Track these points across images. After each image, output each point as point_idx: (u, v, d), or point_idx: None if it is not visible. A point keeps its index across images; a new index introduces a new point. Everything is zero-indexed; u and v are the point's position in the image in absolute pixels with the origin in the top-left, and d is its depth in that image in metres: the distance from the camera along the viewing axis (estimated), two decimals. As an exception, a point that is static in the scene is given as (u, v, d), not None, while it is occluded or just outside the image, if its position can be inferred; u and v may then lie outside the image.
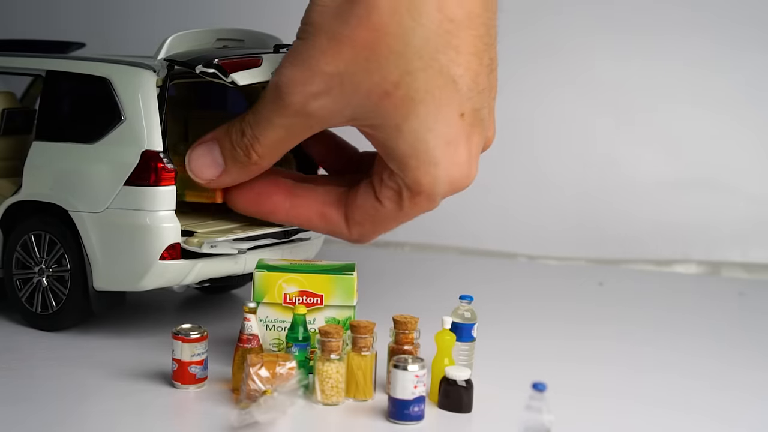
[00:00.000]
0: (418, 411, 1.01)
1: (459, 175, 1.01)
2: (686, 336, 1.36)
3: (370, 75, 0.95)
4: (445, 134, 0.97)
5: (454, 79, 0.95)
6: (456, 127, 0.98)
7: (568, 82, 1.87)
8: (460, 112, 0.97)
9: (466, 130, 0.98)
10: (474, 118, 0.99)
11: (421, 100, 0.95)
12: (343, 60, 0.95)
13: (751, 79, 1.81)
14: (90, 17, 2.06)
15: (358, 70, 0.95)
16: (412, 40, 0.93)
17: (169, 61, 1.18)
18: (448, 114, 0.97)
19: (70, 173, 1.20)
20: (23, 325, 1.27)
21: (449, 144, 0.98)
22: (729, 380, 1.19)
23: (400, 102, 0.95)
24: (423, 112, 0.96)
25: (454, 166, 0.99)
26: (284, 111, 0.99)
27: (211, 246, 1.18)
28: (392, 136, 0.98)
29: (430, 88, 0.95)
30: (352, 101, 0.97)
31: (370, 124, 0.98)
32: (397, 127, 0.97)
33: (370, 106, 0.97)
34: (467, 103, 0.97)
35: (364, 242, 1.09)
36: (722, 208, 1.81)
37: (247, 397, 0.99)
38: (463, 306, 1.15)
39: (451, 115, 0.97)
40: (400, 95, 0.95)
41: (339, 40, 0.95)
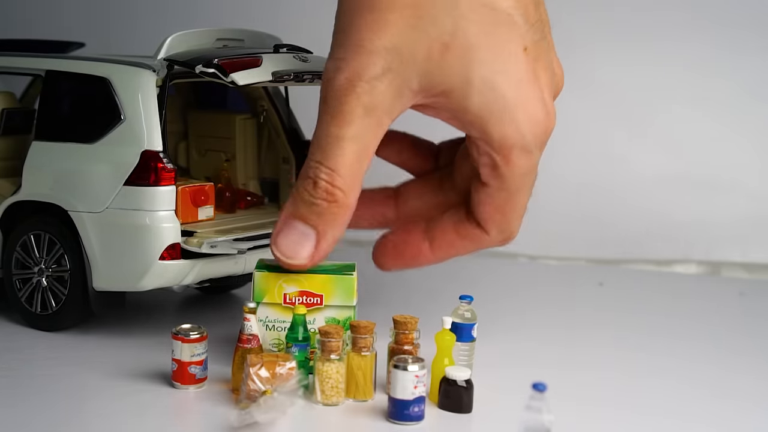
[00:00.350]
0: (418, 411, 1.01)
1: (540, 114, 0.96)
2: (686, 336, 1.36)
3: (424, 33, 0.90)
4: (515, 72, 0.93)
5: (508, 12, 0.91)
6: (523, 64, 0.93)
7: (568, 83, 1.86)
8: (523, 46, 0.93)
9: (531, 65, 0.94)
10: (537, 51, 0.94)
11: (481, 43, 0.91)
12: (394, 28, 0.90)
13: (750, 80, 1.81)
14: (90, 17, 2.05)
15: (412, 32, 0.90)
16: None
17: (169, 60, 1.18)
18: (512, 50, 0.92)
19: (69, 173, 1.20)
20: (23, 325, 1.27)
21: (521, 81, 0.93)
22: (729, 381, 1.19)
23: (462, 51, 0.91)
24: (486, 55, 0.91)
25: (531, 105, 0.94)
26: (351, 114, 0.92)
27: (211, 246, 1.18)
28: (463, 93, 0.92)
29: (486, 29, 0.91)
30: (416, 69, 0.91)
31: (439, 90, 0.93)
32: (467, 81, 0.92)
33: (433, 67, 0.91)
34: (528, 35, 0.93)
35: (512, 237, 1.04)
36: (722, 208, 1.81)
37: (247, 397, 0.99)
38: (463, 306, 1.15)
39: (516, 51, 0.92)
40: (459, 44, 0.90)
41: (383, 9, 0.90)
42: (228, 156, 1.40)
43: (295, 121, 1.40)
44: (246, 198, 1.38)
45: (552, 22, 1.05)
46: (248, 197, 1.38)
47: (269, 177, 1.42)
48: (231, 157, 1.39)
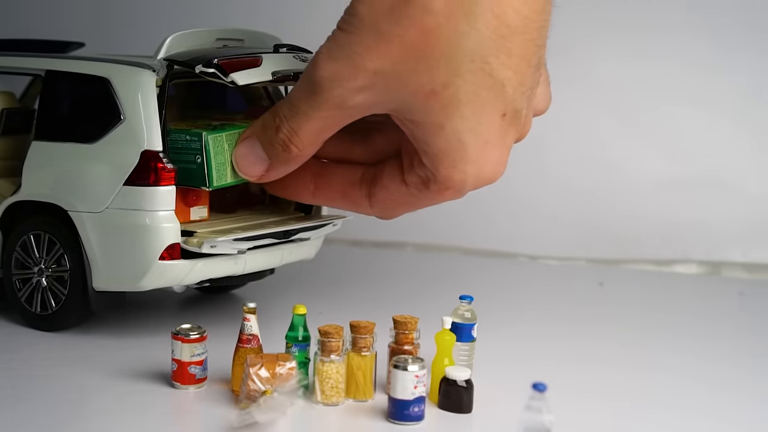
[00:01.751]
0: (418, 411, 1.01)
1: (490, 171, 1.01)
2: (686, 337, 1.36)
3: (418, 75, 0.94)
4: (485, 134, 0.97)
5: (502, 82, 0.95)
6: (496, 127, 0.97)
7: (569, 83, 1.86)
8: (503, 113, 0.97)
9: (504, 129, 0.98)
10: (514, 118, 0.98)
11: (468, 101, 0.95)
12: (390, 59, 0.94)
13: (750, 80, 1.81)
14: (90, 17, 2.05)
15: (406, 69, 0.94)
16: (465, 44, 0.92)
17: (169, 60, 1.18)
18: (491, 115, 0.97)
19: (69, 173, 1.20)
20: (23, 325, 1.26)
21: (487, 143, 0.98)
22: (729, 381, 1.19)
23: (447, 101, 0.95)
24: (468, 112, 0.96)
25: (487, 164, 1.00)
26: (324, 105, 0.98)
27: (210, 246, 1.18)
28: (433, 132, 0.97)
29: (477, 90, 0.95)
30: (396, 97, 0.96)
31: (411, 119, 0.98)
32: (440, 125, 0.96)
33: (415, 103, 0.96)
34: (510, 104, 0.97)
35: (386, 219, 1.09)
36: (722, 208, 1.81)
37: (247, 398, 0.99)
38: (463, 306, 1.15)
39: (494, 116, 0.97)
40: (447, 95, 0.95)
41: (388, 39, 0.94)
42: (228, 156, 1.39)
43: (295, 121, 1.39)
44: (246, 198, 1.37)
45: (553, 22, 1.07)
46: (248, 197, 1.38)
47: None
48: (231, 157, 1.39)
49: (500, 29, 0.93)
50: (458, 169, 0.99)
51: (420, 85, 0.94)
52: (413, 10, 0.92)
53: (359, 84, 0.96)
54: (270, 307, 1.34)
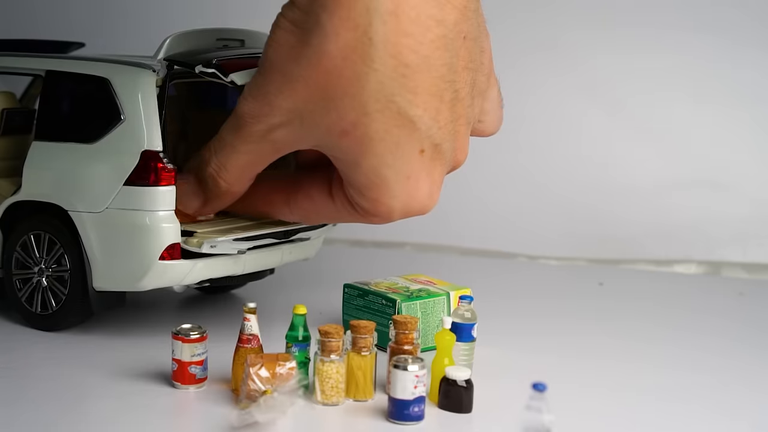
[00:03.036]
0: (418, 411, 1.01)
1: (417, 206, 1.03)
2: (686, 336, 1.36)
3: (327, 114, 0.97)
4: (405, 170, 0.99)
5: (412, 120, 0.97)
6: (416, 163, 0.99)
7: (568, 82, 1.87)
8: (420, 149, 0.99)
9: (426, 164, 1.01)
10: (435, 153, 1.01)
11: (380, 139, 0.97)
12: (299, 98, 0.98)
13: (751, 78, 1.81)
14: (90, 17, 2.05)
15: (316, 108, 0.97)
16: (366, 84, 0.95)
17: (169, 61, 1.18)
18: (407, 151, 0.98)
19: (69, 173, 1.20)
20: (23, 325, 1.26)
21: (409, 178, 1.00)
22: (729, 381, 1.19)
23: (359, 140, 0.97)
24: (381, 150, 0.97)
25: (412, 199, 1.02)
26: (248, 138, 1.03)
27: (210, 246, 1.18)
28: (351, 168, 1.00)
29: (388, 128, 0.96)
30: (313, 134, 0.99)
31: (331, 155, 1.01)
32: (356, 163, 0.99)
33: (329, 141, 0.99)
34: (426, 140, 0.98)
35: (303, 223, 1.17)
36: (722, 208, 1.81)
37: (247, 397, 0.99)
38: (463, 306, 1.15)
39: (411, 152, 0.98)
40: (358, 134, 0.97)
41: (294, 79, 0.97)
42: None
43: (295, 121, 1.39)
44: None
45: (551, 21, 1.08)
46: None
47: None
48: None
49: (399, 68, 0.95)
50: (382, 203, 1.02)
51: (331, 124, 0.97)
52: (311, 53, 0.96)
53: (276, 120, 1.00)
54: (270, 307, 1.34)
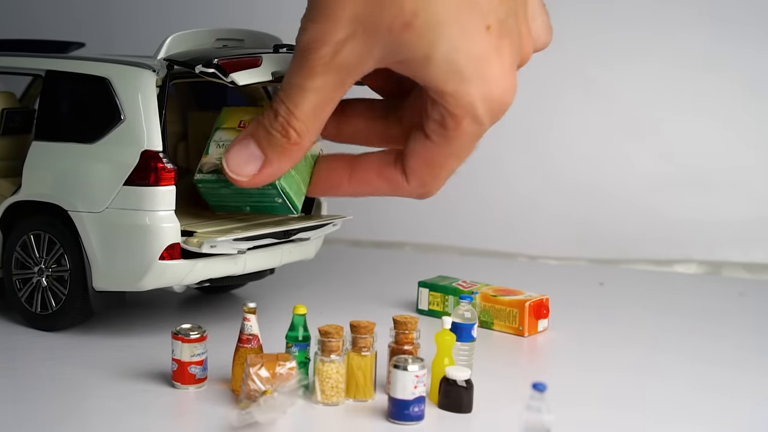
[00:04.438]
0: (418, 411, 1.01)
1: (497, 89, 0.97)
2: (686, 336, 1.36)
3: (386, 9, 0.93)
4: (475, 50, 0.94)
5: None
6: (485, 41, 0.95)
7: (568, 82, 1.87)
8: (486, 25, 0.94)
9: (494, 42, 0.96)
10: (501, 29, 0.98)
11: (442, 22, 0.93)
12: (355, 2, 0.92)
13: (751, 78, 1.81)
14: (90, 17, 2.05)
15: (374, 7, 0.92)
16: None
17: (169, 61, 1.18)
18: (473, 29, 0.94)
19: (69, 173, 1.20)
20: (23, 325, 1.26)
21: (480, 59, 0.95)
22: (729, 380, 1.19)
23: (423, 30, 0.93)
24: (447, 33, 0.93)
25: (490, 82, 0.96)
26: (315, 70, 0.96)
27: (210, 246, 1.18)
28: (423, 66, 0.95)
29: (448, 9, 0.93)
30: (377, 40, 0.94)
31: (399, 60, 0.95)
32: (426, 57, 0.94)
33: (394, 40, 0.94)
34: (490, 15, 0.94)
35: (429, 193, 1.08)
36: (723, 208, 1.81)
37: (247, 397, 0.99)
38: (463, 306, 1.15)
39: (477, 30, 0.94)
40: (420, 23, 0.92)
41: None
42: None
43: (295, 121, 1.39)
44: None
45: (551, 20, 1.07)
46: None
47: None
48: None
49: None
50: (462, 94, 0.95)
51: (392, 19, 0.92)
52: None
53: (341, 36, 0.94)
54: (270, 307, 1.34)
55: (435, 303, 1.38)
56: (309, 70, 0.96)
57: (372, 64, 0.97)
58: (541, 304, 1.32)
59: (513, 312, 1.31)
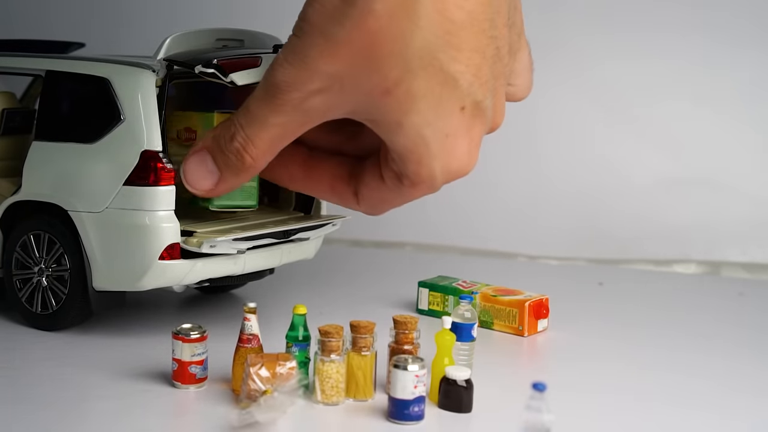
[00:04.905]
0: (418, 411, 1.01)
1: (458, 165, 1.05)
2: (686, 335, 1.36)
3: (370, 75, 0.98)
4: (445, 128, 1.01)
5: (454, 76, 0.98)
6: (456, 120, 1.01)
7: (568, 82, 1.87)
8: (461, 106, 1.01)
9: (466, 122, 1.02)
10: (475, 110, 1.02)
11: (422, 96, 0.98)
12: (341, 61, 0.98)
13: (751, 78, 1.81)
14: (90, 17, 2.05)
15: (358, 70, 0.98)
16: (411, 42, 0.96)
17: (169, 61, 1.18)
18: (448, 108, 1.00)
19: (69, 173, 1.20)
20: (23, 324, 1.27)
21: (448, 137, 1.01)
22: (729, 380, 1.19)
23: (402, 99, 0.98)
24: (424, 107, 0.99)
25: (453, 158, 1.03)
26: (281, 109, 0.96)
27: (210, 246, 1.18)
28: (393, 130, 1.01)
29: (431, 85, 0.98)
30: (353, 99, 1.00)
31: (371, 119, 1.02)
32: (398, 123, 1.00)
33: (371, 103, 1.00)
34: (468, 97, 1.00)
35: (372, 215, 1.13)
36: (722, 208, 1.81)
37: (247, 397, 0.99)
38: (463, 306, 1.15)
39: (452, 110, 1.00)
40: (401, 92, 0.98)
41: (335, 41, 0.98)
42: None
43: (295, 121, 1.39)
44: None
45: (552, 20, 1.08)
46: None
47: (269, 177, 1.41)
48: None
49: (445, 25, 0.96)
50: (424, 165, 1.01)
51: (373, 85, 0.92)
52: (355, 12, 0.96)
53: (315, 86, 0.93)
54: (270, 307, 1.34)
55: (435, 303, 1.38)
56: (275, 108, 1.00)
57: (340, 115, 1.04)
58: (541, 304, 1.32)
59: (513, 312, 1.31)
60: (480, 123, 1.04)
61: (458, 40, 0.97)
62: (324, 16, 0.99)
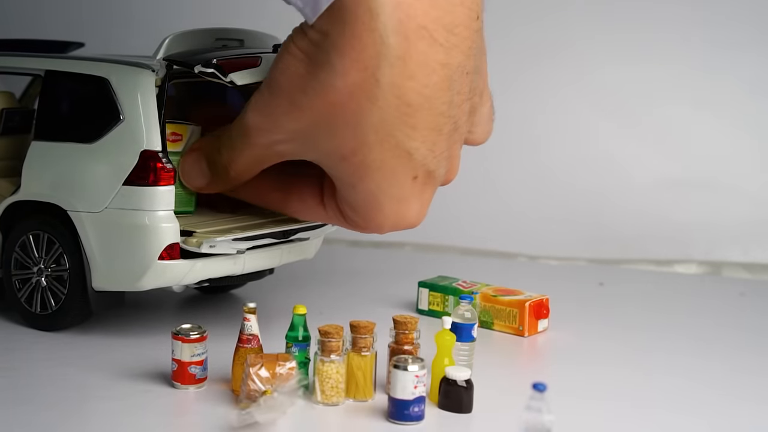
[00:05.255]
0: (418, 411, 1.01)
1: (405, 223, 1.09)
2: (686, 336, 1.36)
3: (328, 139, 1.02)
4: (397, 194, 1.04)
5: (409, 152, 1.04)
6: (409, 188, 1.05)
7: (568, 82, 1.87)
8: (413, 176, 1.04)
9: (418, 188, 1.06)
10: (427, 178, 1.07)
11: (376, 167, 1.02)
12: (304, 122, 1.03)
13: (751, 78, 1.81)
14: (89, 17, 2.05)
15: (318, 133, 1.02)
16: (368, 119, 1.00)
17: (168, 60, 1.18)
18: (401, 178, 1.03)
19: (69, 173, 1.20)
20: (23, 325, 1.26)
21: (401, 201, 1.05)
22: (729, 380, 1.19)
23: (356, 167, 1.02)
24: (377, 177, 1.03)
25: (402, 218, 1.07)
26: (253, 147, 1.08)
27: (210, 246, 1.17)
28: (347, 189, 1.06)
29: (385, 158, 1.01)
30: (313, 153, 1.05)
31: (330, 173, 1.07)
32: (352, 185, 1.04)
33: (329, 163, 1.04)
34: (421, 168, 1.03)
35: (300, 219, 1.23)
36: (723, 208, 1.81)
37: (247, 397, 0.99)
38: (463, 306, 1.15)
39: (405, 179, 1.03)
40: (356, 161, 1.02)
41: (300, 106, 1.02)
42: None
43: (295, 120, 1.39)
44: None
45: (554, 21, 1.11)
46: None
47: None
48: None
49: (402, 107, 1.00)
50: (372, 220, 1.07)
51: (331, 149, 1.03)
52: (318, 86, 1.01)
53: (280, 137, 1.05)
54: (270, 307, 1.34)
55: (435, 303, 1.38)
56: (248, 144, 1.09)
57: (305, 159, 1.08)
58: (541, 304, 1.32)
59: (513, 312, 1.31)
60: (431, 186, 1.07)
61: (414, 120, 1.01)
62: (290, 82, 1.07)
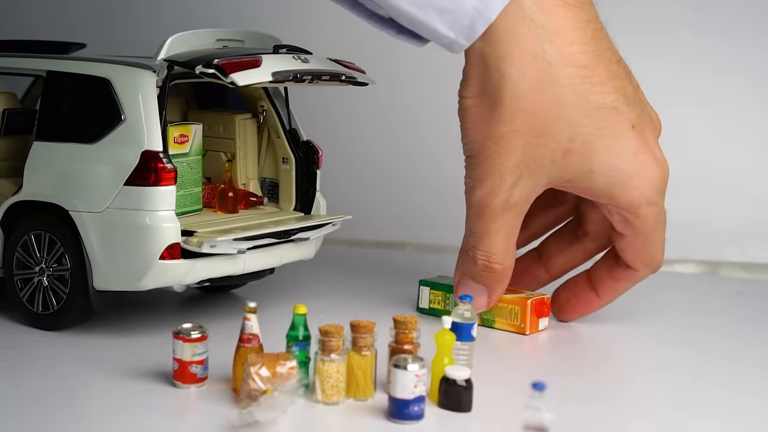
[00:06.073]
0: (418, 410, 1.01)
1: (656, 173, 1.14)
2: (684, 336, 1.36)
3: (546, 147, 1.06)
4: (628, 149, 1.09)
5: (611, 106, 1.08)
6: (633, 139, 1.10)
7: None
8: (630, 125, 1.09)
9: (641, 136, 1.11)
10: (641, 123, 1.11)
11: (596, 137, 1.06)
12: (517, 150, 1.09)
13: (751, 78, 1.81)
14: (90, 18, 2.06)
15: (534, 149, 1.06)
16: (564, 101, 1.04)
17: (169, 61, 1.19)
18: (621, 133, 1.08)
19: (70, 173, 1.21)
20: (24, 324, 1.27)
21: (635, 154, 1.10)
22: (728, 380, 1.19)
23: (581, 150, 1.07)
24: (602, 145, 1.07)
25: (647, 169, 1.12)
26: (494, 216, 1.11)
27: (210, 246, 1.18)
28: (588, 178, 1.09)
29: (598, 125, 1.06)
30: (543, 173, 1.08)
31: (566, 180, 1.10)
32: (589, 170, 1.08)
33: (558, 167, 1.08)
34: (631, 115, 1.09)
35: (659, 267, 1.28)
36: (721, 208, 1.81)
37: (247, 397, 0.99)
38: (463, 306, 1.15)
39: (625, 132, 1.09)
40: (577, 146, 1.06)
41: (504, 138, 1.06)
42: (228, 156, 1.40)
43: (295, 121, 1.40)
44: (248, 198, 1.38)
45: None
46: (250, 197, 1.38)
47: (269, 177, 1.42)
48: (231, 157, 1.40)
49: (582, 72, 1.06)
50: (630, 189, 1.11)
51: (552, 153, 1.06)
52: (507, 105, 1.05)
53: (509, 183, 1.08)
54: (270, 307, 1.34)
55: (436, 301, 1.39)
56: (488, 218, 1.12)
57: (541, 190, 1.11)
58: (543, 303, 1.32)
59: (515, 309, 1.31)
60: (650, 131, 1.12)
61: (598, 76, 1.07)
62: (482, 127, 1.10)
